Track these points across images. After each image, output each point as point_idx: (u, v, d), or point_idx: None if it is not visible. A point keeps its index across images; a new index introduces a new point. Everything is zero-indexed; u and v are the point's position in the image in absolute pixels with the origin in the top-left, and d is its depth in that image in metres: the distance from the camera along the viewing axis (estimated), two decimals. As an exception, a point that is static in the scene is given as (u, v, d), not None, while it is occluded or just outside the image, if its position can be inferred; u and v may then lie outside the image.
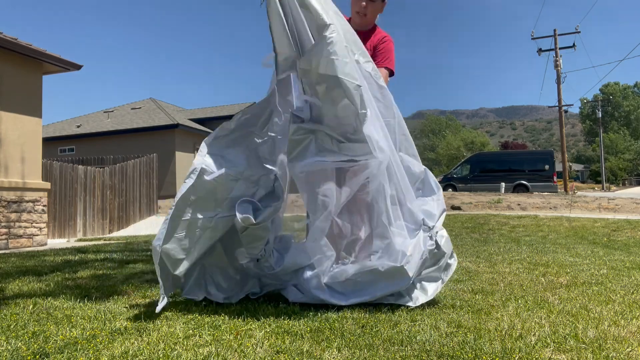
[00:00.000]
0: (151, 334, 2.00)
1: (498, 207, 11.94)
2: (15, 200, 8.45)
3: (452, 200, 13.30)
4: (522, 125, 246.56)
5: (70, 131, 23.00)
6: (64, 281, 3.41)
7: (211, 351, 1.77)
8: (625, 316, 2.26)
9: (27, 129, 8.67)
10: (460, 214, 10.55)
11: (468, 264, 4.15)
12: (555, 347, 1.81)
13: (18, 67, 8.55)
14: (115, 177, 12.26)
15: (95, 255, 4.99)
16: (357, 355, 1.74)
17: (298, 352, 1.76)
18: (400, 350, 1.77)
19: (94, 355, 1.75)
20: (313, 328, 2.07)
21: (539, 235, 7.32)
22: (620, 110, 68.85)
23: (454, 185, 22.28)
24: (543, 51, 27.04)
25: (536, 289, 2.95)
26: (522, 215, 10.12)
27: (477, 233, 7.85)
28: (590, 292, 2.86)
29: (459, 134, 64.14)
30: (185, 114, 24.87)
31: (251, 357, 1.73)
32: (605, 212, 10.94)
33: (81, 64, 9.59)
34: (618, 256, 4.71)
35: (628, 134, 65.32)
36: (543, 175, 21.15)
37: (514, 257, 4.60)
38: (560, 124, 26.15)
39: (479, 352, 1.74)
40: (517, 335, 1.94)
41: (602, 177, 43.23)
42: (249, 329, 2.08)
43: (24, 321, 2.23)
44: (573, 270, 3.76)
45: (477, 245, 6.03)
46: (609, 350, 1.75)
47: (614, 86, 70.46)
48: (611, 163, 58.13)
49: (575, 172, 58.95)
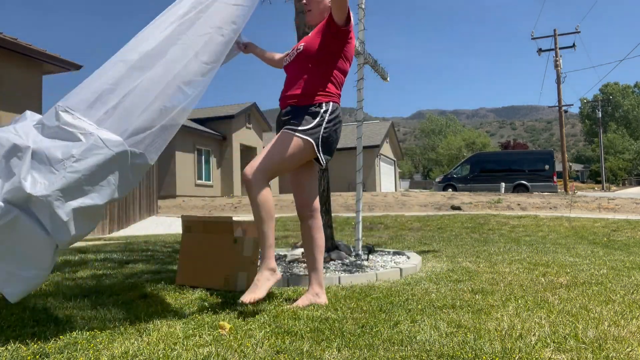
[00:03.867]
0: (151, 334, 2.00)
1: (498, 207, 11.94)
2: (15, 200, 8.45)
3: (452, 200, 13.30)
4: (522, 125, 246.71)
5: (70, 131, 22.98)
6: (64, 281, 3.41)
7: (211, 351, 1.77)
8: (625, 316, 2.26)
9: (27, 129, 8.67)
10: (460, 214, 10.55)
11: (468, 264, 4.15)
12: (555, 347, 1.81)
13: (18, 67, 8.55)
14: (115, 177, 12.24)
15: (95, 255, 4.99)
16: (357, 355, 1.74)
17: (298, 352, 1.76)
18: (400, 350, 1.77)
19: (94, 355, 1.75)
20: (313, 328, 2.07)
21: (539, 235, 7.32)
22: (620, 110, 68.83)
23: (454, 185, 22.31)
24: (543, 51, 27.08)
25: (536, 289, 2.95)
26: (522, 215, 10.12)
27: (477, 233, 7.85)
28: (590, 292, 2.86)
29: (460, 134, 64.13)
30: (185, 114, 24.83)
31: (251, 357, 1.73)
32: (605, 212, 10.94)
33: (81, 64, 9.61)
34: (618, 256, 4.71)
35: (627, 134, 65.30)
36: (543, 175, 21.19)
37: (514, 257, 4.60)
38: (560, 124, 26.16)
39: (479, 352, 1.74)
40: (517, 335, 1.94)
41: (602, 177, 43.24)
42: (249, 329, 2.08)
43: (24, 321, 2.23)
44: (573, 270, 3.76)
45: (477, 245, 6.03)
46: (609, 350, 1.75)
47: (613, 86, 70.50)
48: (611, 163, 58.15)
49: (575, 172, 59.00)
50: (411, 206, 12.71)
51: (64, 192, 1.88)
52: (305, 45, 2.60)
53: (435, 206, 12.49)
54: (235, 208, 13.81)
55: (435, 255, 4.90)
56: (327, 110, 2.55)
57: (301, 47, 2.61)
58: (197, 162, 21.70)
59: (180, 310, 2.44)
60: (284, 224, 9.16)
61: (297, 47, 2.66)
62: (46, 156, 1.91)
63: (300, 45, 2.63)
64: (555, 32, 26.66)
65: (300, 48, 2.61)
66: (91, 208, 1.96)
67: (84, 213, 1.95)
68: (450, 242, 6.59)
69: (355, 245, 4.34)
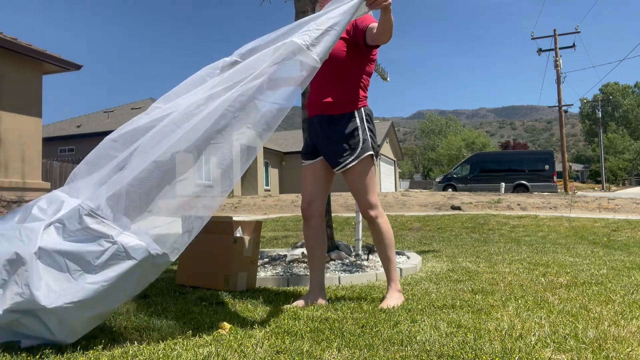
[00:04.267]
0: (151, 334, 2.00)
1: (498, 207, 11.94)
2: (15, 200, 8.45)
3: (452, 200, 13.30)
4: (522, 125, 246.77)
5: (70, 131, 23.03)
6: (64, 281, 3.41)
7: (211, 351, 1.77)
8: (625, 316, 2.26)
9: (27, 129, 8.67)
10: (460, 214, 10.55)
11: (468, 264, 4.15)
12: (555, 347, 1.81)
13: (18, 67, 8.55)
14: (115, 177, 12.25)
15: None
16: (357, 355, 1.74)
17: (298, 352, 1.76)
18: (400, 350, 1.77)
19: (94, 355, 1.74)
20: (313, 328, 2.07)
21: (539, 235, 7.32)
22: (620, 110, 68.84)
23: (454, 185, 22.32)
24: (543, 51, 27.09)
25: (536, 289, 2.96)
26: (522, 215, 10.11)
27: (477, 233, 7.85)
28: (590, 292, 2.86)
29: (460, 134, 64.13)
30: (185, 114, 24.82)
31: (251, 357, 1.73)
32: (605, 212, 10.94)
33: (81, 64, 9.60)
34: (618, 256, 4.72)
35: (627, 134, 65.30)
36: (543, 175, 21.18)
37: (514, 257, 4.60)
38: (560, 124, 26.16)
39: (479, 352, 1.74)
40: (517, 335, 1.94)
41: (602, 177, 43.25)
42: (249, 329, 2.08)
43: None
44: (573, 270, 3.76)
45: (477, 245, 6.03)
46: (609, 350, 1.75)
47: (613, 86, 70.53)
48: (611, 163, 58.16)
49: (575, 172, 59.03)
50: (411, 206, 12.71)
51: (80, 304, 1.75)
52: (331, 54, 2.59)
53: (435, 206, 12.49)
54: (236, 208, 13.81)
55: (435, 255, 4.90)
56: (362, 117, 2.63)
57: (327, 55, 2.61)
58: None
59: (180, 310, 2.44)
60: (284, 224, 9.16)
61: None
62: (65, 262, 1.79)
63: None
64: (555, 32, 26.67)
65: (327, 56, 2.61)
66: (104, 313, 1.88)
67: (96, 317, 1.86)
68: (450, 242, 6.59)
69: (356, 245, 4.34)
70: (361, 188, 2.63)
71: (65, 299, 1.74)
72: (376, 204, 2.68)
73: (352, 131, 2.59)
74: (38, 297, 1.73)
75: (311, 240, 2.74)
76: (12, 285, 1.78)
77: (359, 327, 2.09)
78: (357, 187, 2.64)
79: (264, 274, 3.44)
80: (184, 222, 1.98)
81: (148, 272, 1.88)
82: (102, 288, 1.78)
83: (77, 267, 1.78)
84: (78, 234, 1.85)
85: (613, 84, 70.97)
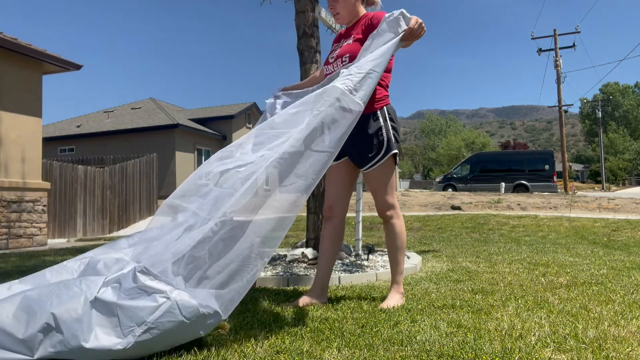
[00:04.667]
0: (151, 334, 2.00)
1: (498, 207, 11.94)
2: (15, 200, 8.45)
3: (452, 200, 13.30)
4: (522, 125, 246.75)
5: (70, 131, 23.01)
6: (64, 281, 3.41)
7: (211, 351, 1.77)
8: (625, 316, 2.26)
9: (27, 129, 8.67)
10: (460, 214, 10.55)
11: (468, 264, 4.15)
12: (555, 347, 1.81)
13: (18, 67, 8.55)
14: (115, 177, 12.26)
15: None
16: (357, 355, 1.74)
17: (298, 352, 1.76)
18: (400, 350, 1.77)
19: (94, 355, 1.74)
20: (313, 328, 2.07)
21: (539, 235, 7.32)
22: (620, 110, 68.82)
23: (454, 185, 22.32)
24: (543, 51, 27.09)
25: (536, 289, 2.96)
26: (522, 215, 10.12)
27: (477, 233, 7.85)
28: (590, 292, 2.86)
29: (460, 134, 64.11)
30: (185, 114, 24.88)
31: (251, 357, 1.73)
32: (605, 212, 10.94)
33: (81, 64, 9.60)
34: (618, 256, 4.72)
35: (627, 134, 65.27)
36: (543, 175, 21.18)
37: (514, 257, 4.60)
38: (560, 124, 26.17)
39: (479, 352, 1.74)
40: (517, 335, 1.94)
41: (602, 177, 43.23)
42: (249, 329, 2.08)
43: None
44: (573, 270, 3.76)
45: (477, 245, 6.03)
46: (609, 350, 1.75)
47: (613, 86, 70.48)
48: (611, 163, 58.14)
49: (575, 172, 59.00)
50: (411, 206, 12.71)
51: (122, 352, 1.71)
52: (351, 56, 2.58)
53: (435, 206, 12.49)
54: (235, 208, 13.81)
55: (435, 255, 4.90)
56: (385, 116, 2.62)
57: (347, 58, 2.60)
58: (197, 162, 21.70)
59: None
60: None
61: (341, 56, 2.65)
62: (118, 318, 1.75)
63: (346, 56, 2.61)
64: (555, 32, 26.67)
65: (346, 59, 2.59)
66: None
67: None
68: (450, 242, 6.59)
69: (355, 245, 4.34)
70: (381, 187, 2.63)
71: (109, 355, 1.71)
72: (394, 204, 2.67)
73: (377, 131, 2.58)
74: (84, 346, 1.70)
75: (328, 240, 2.71)
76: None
77: (359, 327, 2.09)
78: (378, 187, 2.64)
79: (264, 273, 3.45)
80: (237, 281, 1.94)
81: (198, 329, 1.85)
82: (150, 342, 1.75)
83: (129, 324, 1.74)
84: (133, 293, 1.82)
85: (613, 84, 70.93)
